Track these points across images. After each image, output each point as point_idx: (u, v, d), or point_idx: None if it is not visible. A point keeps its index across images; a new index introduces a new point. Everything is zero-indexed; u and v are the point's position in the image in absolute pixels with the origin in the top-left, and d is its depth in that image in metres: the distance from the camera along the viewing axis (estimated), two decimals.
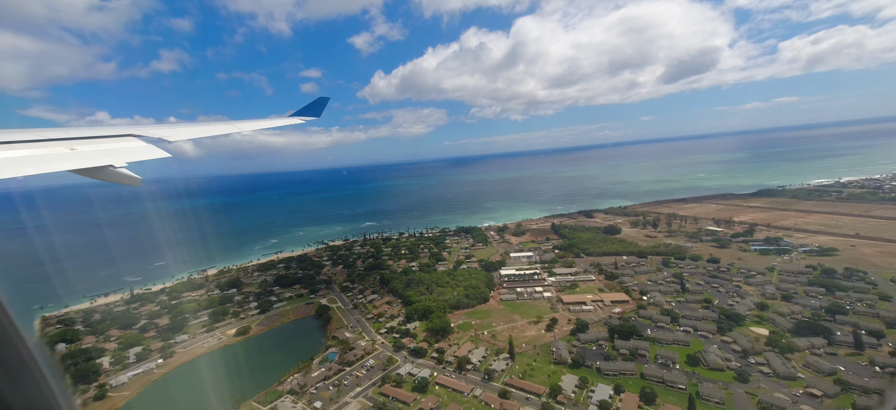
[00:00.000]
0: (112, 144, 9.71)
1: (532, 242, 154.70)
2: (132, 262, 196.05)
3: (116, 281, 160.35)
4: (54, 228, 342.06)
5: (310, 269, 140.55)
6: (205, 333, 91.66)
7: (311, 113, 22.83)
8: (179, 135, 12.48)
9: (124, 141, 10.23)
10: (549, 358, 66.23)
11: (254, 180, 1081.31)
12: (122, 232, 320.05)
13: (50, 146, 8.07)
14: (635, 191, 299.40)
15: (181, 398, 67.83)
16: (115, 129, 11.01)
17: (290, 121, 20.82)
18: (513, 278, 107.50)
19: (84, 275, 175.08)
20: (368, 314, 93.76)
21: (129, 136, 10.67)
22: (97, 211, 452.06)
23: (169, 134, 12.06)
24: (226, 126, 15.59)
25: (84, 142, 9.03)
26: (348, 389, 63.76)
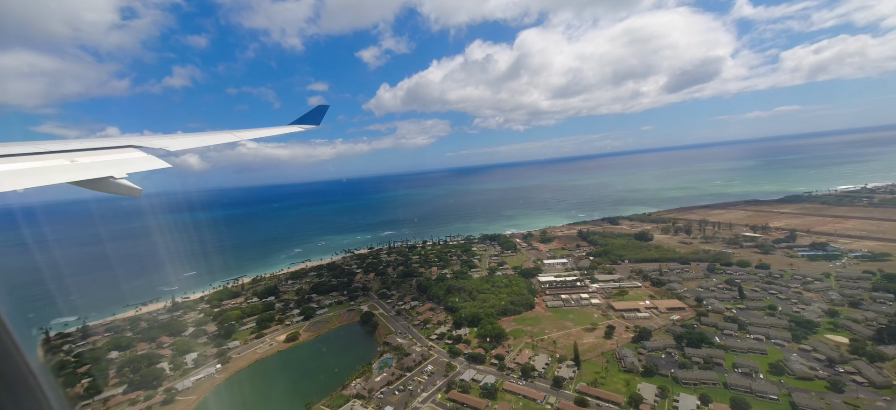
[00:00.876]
0: (112, 155, 9.52)
1: (562, 249, 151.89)
2: (162, 273, 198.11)
3: (152, 291, 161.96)
4: (79, 240, 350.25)
5: (342, 277, 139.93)
6: (255, 339, 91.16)
7: (310, 121, 22.51)
8: (180, 145, 12.22)
9: (125, 152, 10.03)
10: (618, 366, 63.33)
11: (260, 192, 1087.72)
12: (144, 244, 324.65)
13: (50, 159, 7.94)
14: (654, 198, 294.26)
15: (248, 401, 66.91)
16: (116, 140, 10.78)
17: (291, 129, 20.61)
18: (554, 284, 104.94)
19: (117, 286, 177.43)
20: (414, 321, 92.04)
21: (130, 147, 10.47)
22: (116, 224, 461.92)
23: (169, 144, 11.83)
24: (226, 135, 15.30)
25: (84, 154, 8.88)
26: (414, 394, 61.79)
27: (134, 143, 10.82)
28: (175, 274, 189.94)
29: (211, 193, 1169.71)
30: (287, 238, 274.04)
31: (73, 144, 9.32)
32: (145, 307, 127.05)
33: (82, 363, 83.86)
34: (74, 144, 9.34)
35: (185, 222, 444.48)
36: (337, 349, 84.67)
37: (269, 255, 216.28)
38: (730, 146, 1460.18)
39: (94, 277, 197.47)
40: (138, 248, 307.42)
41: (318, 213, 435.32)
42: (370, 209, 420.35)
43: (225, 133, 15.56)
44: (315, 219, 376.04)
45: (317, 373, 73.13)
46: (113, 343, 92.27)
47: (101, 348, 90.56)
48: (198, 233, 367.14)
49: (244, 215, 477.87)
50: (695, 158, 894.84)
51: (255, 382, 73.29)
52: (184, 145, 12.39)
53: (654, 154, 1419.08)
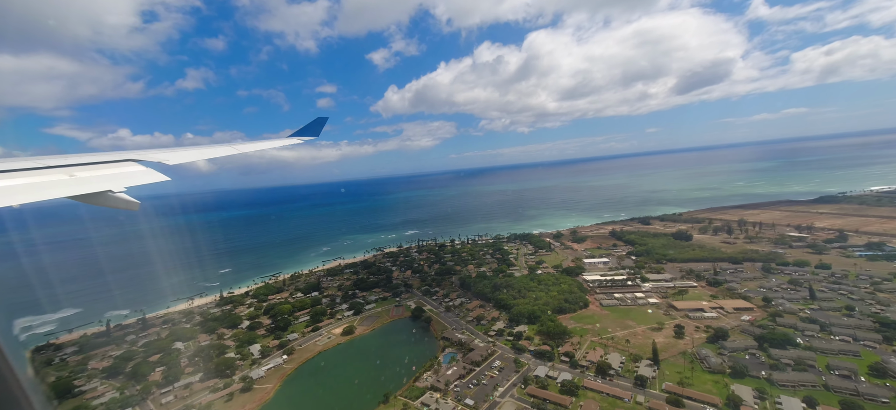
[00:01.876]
0: (111, 169, 9.40)
1: (599, 248, 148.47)
2: (198, 269, 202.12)
3: (194, 286, 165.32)
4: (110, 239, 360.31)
5: (379, 274, 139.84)
6: (311, 331, 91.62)
7: (310, 133, 22.31)
8: (178, 159, 12.10)
9: (123, 166, 9.94)
10: (699, 366, 60.55)
11: (269, 193, 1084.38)
12: (173, 242, 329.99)
13: (49, 174, 7.79)
14: (680, 199, 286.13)
15: (323, 389, 67.07)
16: (114, 154, 10.69)
17: (289, 141, 20.37)
18: (603, 283, 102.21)
19: (158, 282, 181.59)
20: (467, 318, 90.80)
21: (128, 161, 10.40)
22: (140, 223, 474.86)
23: (167, 158, 11.73)
24: (225, 149, 15.17)
25: (83, 168, 8.74)
26: (489, 388, 60.45)
27: (132, 157, 10.73)
28: (211, 271, 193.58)
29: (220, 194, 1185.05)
30: (311, 237, 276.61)
31: (72, 159, 9.19)
32: (195, 301, 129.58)
33: (152, 352, 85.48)
34: (73, 159, 9.21)
35: (208, 222, 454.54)
36: (395, 342, 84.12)
37: (299, 252, 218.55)
38: (739, 148, 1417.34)
39: (134, 273, 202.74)
40: (168, 246, 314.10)
41: (335, 213, 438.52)
42: (386, 210, 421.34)
43: (224, 146, 15.41)
44: (334, 219, 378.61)
45: (383, 365, 72.73)
46: (174, 335, 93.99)
47: (165, 339, 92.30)
48: (222, 232, 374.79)
49: (261, 216, 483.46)
50: (705, 160, 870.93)
51: (324, 372, 73.57)
52: (182, 159, 12.25)
53: (662, 157, 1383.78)
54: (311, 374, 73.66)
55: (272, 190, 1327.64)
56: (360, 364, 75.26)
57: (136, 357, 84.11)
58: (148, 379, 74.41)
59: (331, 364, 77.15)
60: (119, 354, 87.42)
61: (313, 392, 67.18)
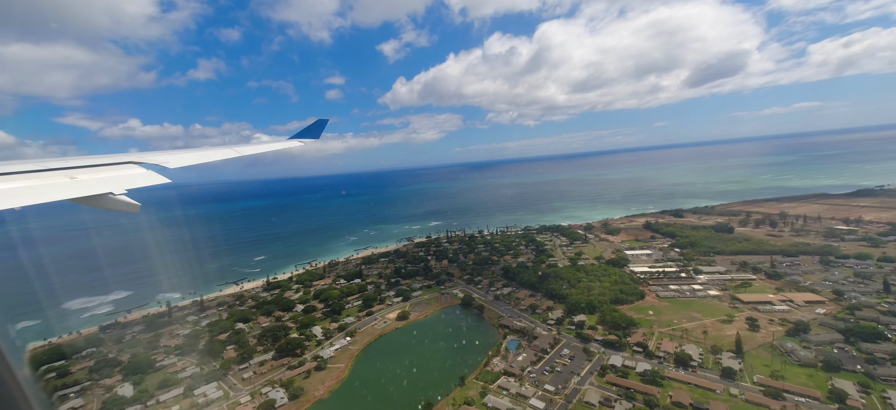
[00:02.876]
0: (111, 172, 9.38)
1: (636, 240, 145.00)
2: (234, 256, 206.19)
3: (234, 272, 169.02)
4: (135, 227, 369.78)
5: (415, 263, 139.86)
6: (366, 316, 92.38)
7: (309, 135, 22.14)
8: (178, 162, 12.16)
9: (124, 169, 9.94)
10: (786, 359, 58.15)
11: (278, 185, 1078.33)
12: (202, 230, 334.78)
13: (50, 177, 7.79)
14: (707, 192, 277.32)
15: (395, 369, 68.00)
16: (115, 157, 10.75)
17: (289, 144, 20.32)
18: (655, 275, 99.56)
19: (201, 267, 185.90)
20: (520, 306, 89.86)
21: (129, 163, 10.42)
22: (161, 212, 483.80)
23: (168, 161, 11.78)
24: (226, 151, 15.22)
25: (84, 171, 8.71)
26: (564, 376, 59.68)
27: (133, 159, 10.77)
28: (247, 258, 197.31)
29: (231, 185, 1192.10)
30: (335, 227, 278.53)
31: (73, 161, 9.19)
32: (243, 286, 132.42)
33: (217, 331, 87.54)
34: (74, 161, 9.21)
35: (229, 211, 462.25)
36: (453, 328, 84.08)
37: (327, 241, 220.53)
38: (750, 142, 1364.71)
39: (172, 259, 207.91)
40: (197, 233, 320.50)
41: (353, 205, 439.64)
42: (402, 202, 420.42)
43: (224, 149, 15.47)
44: (352, 210, 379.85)
45: (447, 349, 73.16)
46: (235, 316, 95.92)
47: (226, 320, 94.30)
48: (244, 221, 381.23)
49: (277, 206, 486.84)
50: (719, 154, 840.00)
51: (391, 353, 74.20)
52: (182, 162, 12.30)
53: (672, 151, 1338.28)
54: (378, 355, 74.40)
55: (280, 181, 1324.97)
56: (423, 347, 75.55)
57: (202, 336, 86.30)
58: (223, 357, 76.28)
59: (395, 346, 77.77)
60: (186, 333, 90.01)
61: (387, 372, 67.87)
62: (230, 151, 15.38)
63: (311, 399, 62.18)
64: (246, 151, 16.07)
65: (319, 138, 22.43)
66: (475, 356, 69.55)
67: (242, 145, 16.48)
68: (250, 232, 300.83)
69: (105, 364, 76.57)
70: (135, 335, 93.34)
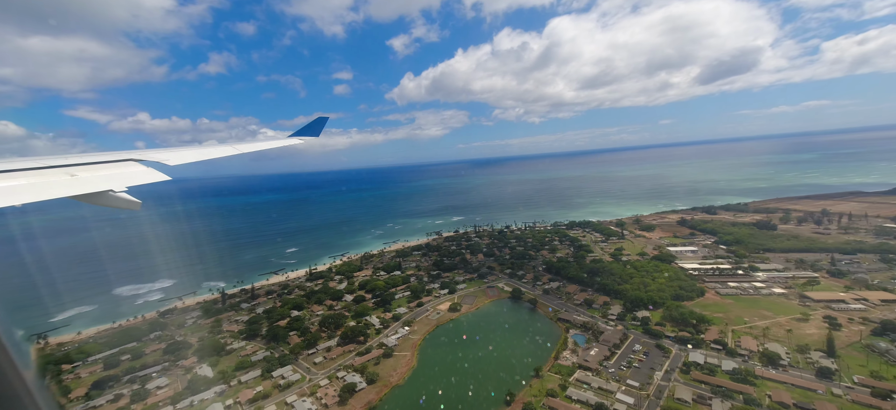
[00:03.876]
0: (112, 169, 9.27)
1: (675, 237, 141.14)
2: (265, 248, 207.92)
3: (269, 263, 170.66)
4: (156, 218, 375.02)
5: (449, 257, 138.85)
6: (416, 307, 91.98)
7: (310, 133, 21.99)
8: (179, 159, 12.09)
9: (124, 166, 9.82)
10: (879, 359, 55.23)
11: (286, 179, 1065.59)
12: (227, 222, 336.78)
13: (50, 174, 7.71)
14: (733, 189, 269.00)
15: (462, 359, 67.64)
16: (115, 154, 10.61)
17: (290, 142, 20.22)
18: (709, 272, 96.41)
19: (239, 257, 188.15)
20: (575, 301, 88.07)
21: (129, 161, 10.32)
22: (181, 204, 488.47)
23: (168, 158, 11.69)
24: (226, 149, 15.12)
25: (84, 168, 8.63)
26: (644, 372, 57.98)
27: (133, 157, 10.67)
28: (278, 250, 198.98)
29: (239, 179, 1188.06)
30: (357, 220, 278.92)
31: (73, 159, 9.12)
32: (287, 275, 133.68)
33: (277, 318, 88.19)
34: (74, 159, 9.13)
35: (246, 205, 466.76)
36: (509, 320, 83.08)
37: (354, 235, 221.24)
38: (760, 141, 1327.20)
39: (204, 250, 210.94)
40: (223, 225, 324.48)
41: (369, 199, 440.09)
42: (417, 197, 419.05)
43: (225, 146, 15.36)
44: (372, 205, 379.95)
45: (510, 340, 72.30)
46: (290, 304, 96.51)
47: (282, 307, 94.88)
48: (264, 214, 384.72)
49: (293, 200, 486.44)
50: (732, 151, 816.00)
51: (452, 344, 73.54)
52: (182, 159, 12.20)
53: (681, 148, 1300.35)
54: (440, 345, 73.99)
55: (285, 177, 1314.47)
56: (484, 339, 74.63)
57: (261, 322, 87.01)
58: (288, 342, 76.85)
59: (454, 336, 77.20)
60: (245, 319, 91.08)
61: (453, 361, 67.28)
62: (230, 148, 15.21)
63: (389, 385, 62.01)
64: (246, 148, 15.81)
65: (319, 136, 22.10)
66: (538, 349, 68.38)
67: (243, 143, 16.14)
68: (274, 225, 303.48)
69: (177, 347, 77.80)
70: (195, 321, 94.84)
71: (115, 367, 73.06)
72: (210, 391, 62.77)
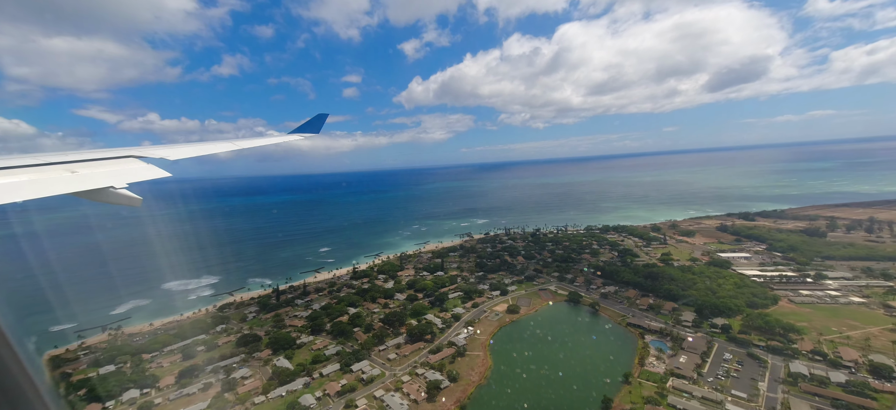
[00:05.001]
0: (113, 166, 9.16)
1: (719, 243, 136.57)
2: (297, 246, 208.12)
3: (306, 262, 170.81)
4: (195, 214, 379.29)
5: (490, 258, 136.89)
6: (472, 307, 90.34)
7: (310, 130, 21.81)
8: (180, 155, 11.85)
9: (125, 163, 9.68)
10: None
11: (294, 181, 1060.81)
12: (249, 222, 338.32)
13: (51, 170, 7.62)
14: (761, 196, 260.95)
15: (538, 361, 66.10)
16: (116, 151, 10.43)
17: (290, 138, 20.05)
18: (773, 280, 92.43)
19: (276, 254, 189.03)
20: (635, 305, 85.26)
21: (130, 157, 10.15)
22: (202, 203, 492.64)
23: (170, 154, 11.48)
24: (227, 145, 14.98)
25: (85, 165, 8.56)
26: (744, 381, 55.07)
27: (134, 153, 10.45)
28: (310, 248, 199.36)
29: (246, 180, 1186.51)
30: (382, 221, 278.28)
31: (74, 155, 9.00)
32: (336, 272, 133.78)
33: (336, 314, 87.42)
34: (75, 155, 9.01)
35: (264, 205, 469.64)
36: (571, 324, 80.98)
37: (383, 235, 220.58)
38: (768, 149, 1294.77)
39: (243, 247, 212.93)
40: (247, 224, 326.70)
41: (385, 201, 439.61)
42: (433, 200, 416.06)
43: (225, 142, 15.20)
44: (390, 207, 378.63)
45: (579, 344, 70.77)
46: (346, 301, 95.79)
47: (338, 304, 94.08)
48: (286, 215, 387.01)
49: (309, 201, 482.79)
50: (744, 159, 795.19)
51: (521, 346, 71.75)
52: (184, 155, 12.08)
53: (687, 156, 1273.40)
54: (510, 346, 71.99)
55: (293, 178, 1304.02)
56: (554, 341, 72.81)
57: (321, 318, 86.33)
58: (354, 336, 76.03)
59: (521, 338, 75.16)
60: (306, 314, 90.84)
61: (531, 363, 65.40)
62: (229, 144, 15.07)
63: (472, 383, 60.47)
64: (246, 144, 15.56)
65: (319, 132, 21.80)
66: (615, 354, 65.99)
67: (243, 139, 15.80)
68: (298, 225, 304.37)
69: (248, 339, 77.61)
70: (256, 315, 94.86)
71: (194, 357, 73.16)
72: (297, 382, 62.21)
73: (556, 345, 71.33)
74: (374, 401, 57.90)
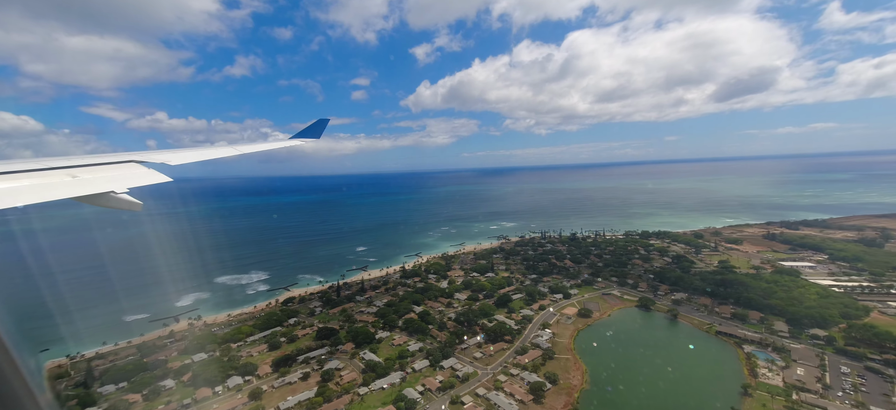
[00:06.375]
0: (113, 171, 9.13)
1: (773, 251, 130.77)
2: (333, 245, 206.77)
3: (347, 260, 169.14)
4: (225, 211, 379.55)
5: (537, 260, 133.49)
6: (539, 310, 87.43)
7: (311, 134, 21.47)
8: (181, 160, 11.81)
9: (126, 168, 9.66)
10: None
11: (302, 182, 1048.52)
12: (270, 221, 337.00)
13: (52, 175, 7.61)
14: (793, 205, 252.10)
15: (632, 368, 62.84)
16: (117, 155, 10.43)
17: (290, 143, 19.68)
18: (855, 290, 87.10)
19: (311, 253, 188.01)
20: (719, 314, 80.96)
21: (131, 162, 10.13)
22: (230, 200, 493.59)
23: (170, 159, 11.44)
24: (227, 150, 14.82)
25: (86, 169, 8.55)
26: (875, 399, 50.75)
27: (135, 158, 10.45)
28: (348, 247, 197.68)
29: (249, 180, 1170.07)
30: (410, 223, 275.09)
31: (75, 160, 8.99)
32: (387, 270, 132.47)
33: (404, 311, 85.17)
34: (76, 160, 9.00)
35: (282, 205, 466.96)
36: (653, 330, 77.20)
37: (414, 236, 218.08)
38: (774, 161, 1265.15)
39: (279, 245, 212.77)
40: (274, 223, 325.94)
41: (404, 203, 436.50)
42: (454, 202, 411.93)
43: (226, 147, 15.09)
44: (411, 208, 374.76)
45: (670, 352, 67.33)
46: (409, 299, 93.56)
47: (402, 302, 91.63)
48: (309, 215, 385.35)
49: (324, 201, 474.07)
50: (751, 170, 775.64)
51: (609, 350, 68.85)
52: (184, 160, 11.94)
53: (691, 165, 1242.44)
54: (597, 350, 69.02)
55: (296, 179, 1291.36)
56: (640, 346, 69.20)
57: (389, 314, 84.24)
58: (431, 334, 73.75)
59: (603, 342, 71.85)
60: (372, 311, 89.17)
61: (626, 369, 62.25)
62: (231, 149, 14.98)
63: (572, 386, 57.41)
64: (247, 149, 15.43)
65: (320, 138, 21.38)
66: (712, 363, 62.50)
67: (243, 144, 15.75)
68: (324, 225, 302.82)
69: (328, 333, 75.99)
70: (323, 310, 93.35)
71: (278, 348, 71.83)
72: (394, 376, 60.16)
73: (648, 351, 67.65)
74: (480, 400, 55.29)
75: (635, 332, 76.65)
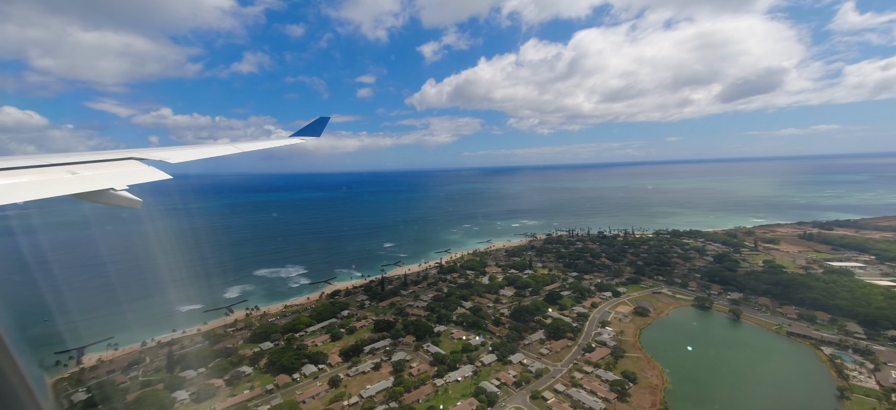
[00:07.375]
0: (113, 168, 9.04)
1: (816, 252, 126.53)
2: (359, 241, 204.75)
3: (374, 255, 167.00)
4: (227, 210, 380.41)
5: (574, 258, 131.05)
6: (591, 307, 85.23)
7: (311, 133, 21.07)
8: (181, 157, 11.64)
9: (125, 165, 9.49)
10: None
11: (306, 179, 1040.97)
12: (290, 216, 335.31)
13: (51, 172, 7.52)
14: (816, 205, 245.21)
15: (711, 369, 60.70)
16: (117, 153, 10.19)
17: (290, 141, 19.55)
18: None
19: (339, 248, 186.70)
20: (785, 315, 78.05)
21: (131, 159, 9.95)
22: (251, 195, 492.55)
23: (170, 157, 11.24)
24: (227, 147, 14.63)
25: (85, 166, 8.46)
26: None
27: (135, 155, 10.24)
28: (375, 244, 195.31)
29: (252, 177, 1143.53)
30: (430, 220, 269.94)
31: (75, 157, 8.83)
32: (424, 264, 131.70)
33: (453, 306, 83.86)
34: (76, 157, 8.85)
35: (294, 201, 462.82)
36: (718, 330, 74.68)
37: (438, 232, 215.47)
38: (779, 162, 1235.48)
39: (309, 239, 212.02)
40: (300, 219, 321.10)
41: (420, 200, 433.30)
42: (469, 200, 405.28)
43: (227, 145, 14.91)
44: (427, 206, 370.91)
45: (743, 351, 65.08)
46: (458, 294, 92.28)
47: (450, 298, 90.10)
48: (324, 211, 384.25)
49: (336, 198, 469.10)
50: (758, 170, 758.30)
51: (678, 350, 66.39)
52: (184, 158, 11.78)
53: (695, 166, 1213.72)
54: (667, 350, 66.25)
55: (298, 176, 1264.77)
56: (713, 348, 66.67)
57: (440, 308, 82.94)
58: (488, 329, 72.39)
59: (669, 342, 69.48)
60: (420, 305, 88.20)
61: (705, 370, 59.95)
62: (231, 147, 14.78)
63: (655, 387, 55.38)
64: (246, 147, 15.19)
65: (320, 136, 21.12)
66: (792, 365, 59.86)
67: (243, 142, 15.59)
68: (344, 221, 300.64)
69: (386, 324, 75.23)
70: (372, 303, 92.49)
71: (340, 339, 71.06)
72: (466, 369, 58.95)
73: (722, 351, 65.21)
74: (561, 396, 53.63)
75: (701, 332, 74.15)
